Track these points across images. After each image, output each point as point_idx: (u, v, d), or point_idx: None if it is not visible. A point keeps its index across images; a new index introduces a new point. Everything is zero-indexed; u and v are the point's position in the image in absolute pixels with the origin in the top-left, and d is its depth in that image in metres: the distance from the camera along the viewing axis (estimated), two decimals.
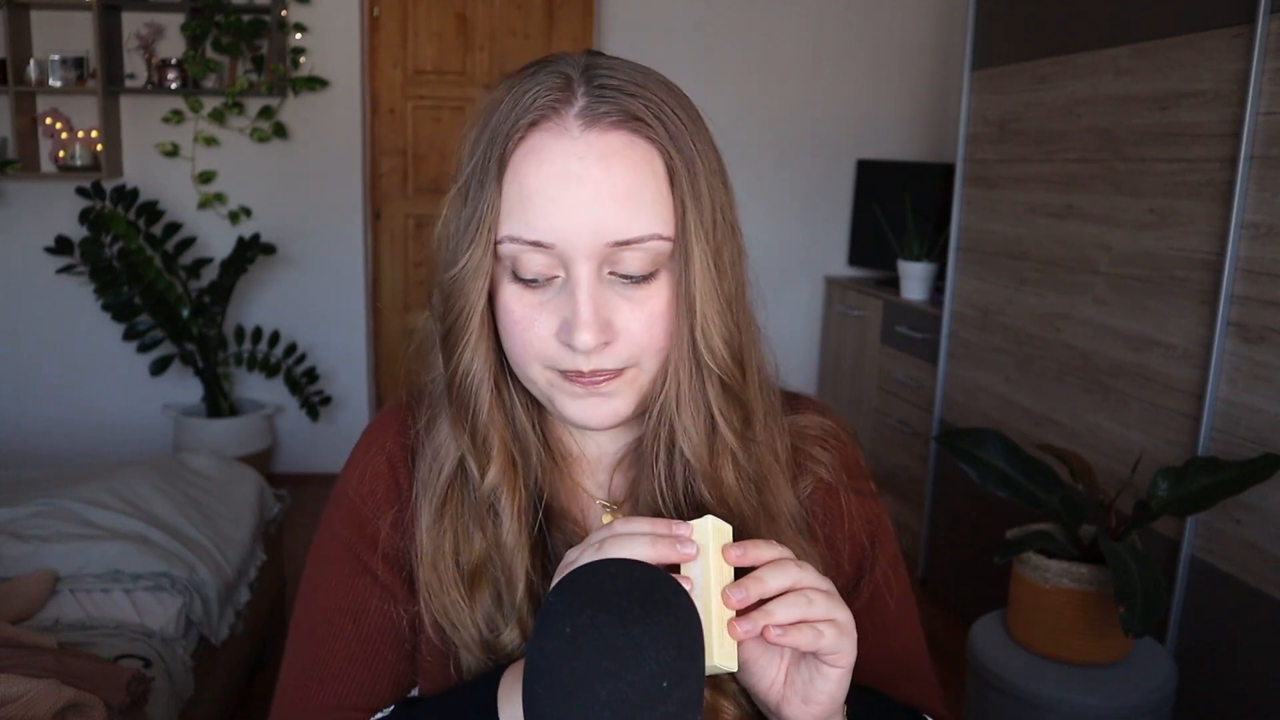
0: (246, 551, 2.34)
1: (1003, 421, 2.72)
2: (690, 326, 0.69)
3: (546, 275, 0.67)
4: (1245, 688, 1.93)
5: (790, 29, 4.07)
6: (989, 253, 2.81)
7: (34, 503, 2.20)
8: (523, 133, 0.66)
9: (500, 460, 0.73)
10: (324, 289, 4.02)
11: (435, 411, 0.75)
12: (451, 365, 0.72)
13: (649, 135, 0.67)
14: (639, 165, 0.66)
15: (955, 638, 2.84)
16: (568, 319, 0.67)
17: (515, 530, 0.73)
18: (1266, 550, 1.88)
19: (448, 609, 0.73)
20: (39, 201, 3.79)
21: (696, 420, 0.71)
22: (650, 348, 0.69)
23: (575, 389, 0.69)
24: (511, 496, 0.73)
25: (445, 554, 0.73)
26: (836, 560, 0.80)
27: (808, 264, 4.20)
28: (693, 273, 0.68)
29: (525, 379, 0.72)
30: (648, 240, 0.66)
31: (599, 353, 0.67)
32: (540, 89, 0.67)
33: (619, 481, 0.80)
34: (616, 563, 0.61)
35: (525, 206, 0.66)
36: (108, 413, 3.99)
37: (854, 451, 0.85)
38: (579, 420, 0.71)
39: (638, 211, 0.66)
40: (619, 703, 0.55)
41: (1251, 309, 1.91)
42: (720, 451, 0.73)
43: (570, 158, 0.65)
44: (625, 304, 0.68)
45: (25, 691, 1.46)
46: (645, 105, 0.67)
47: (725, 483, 0.73)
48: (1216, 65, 1.99)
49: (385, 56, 4.01)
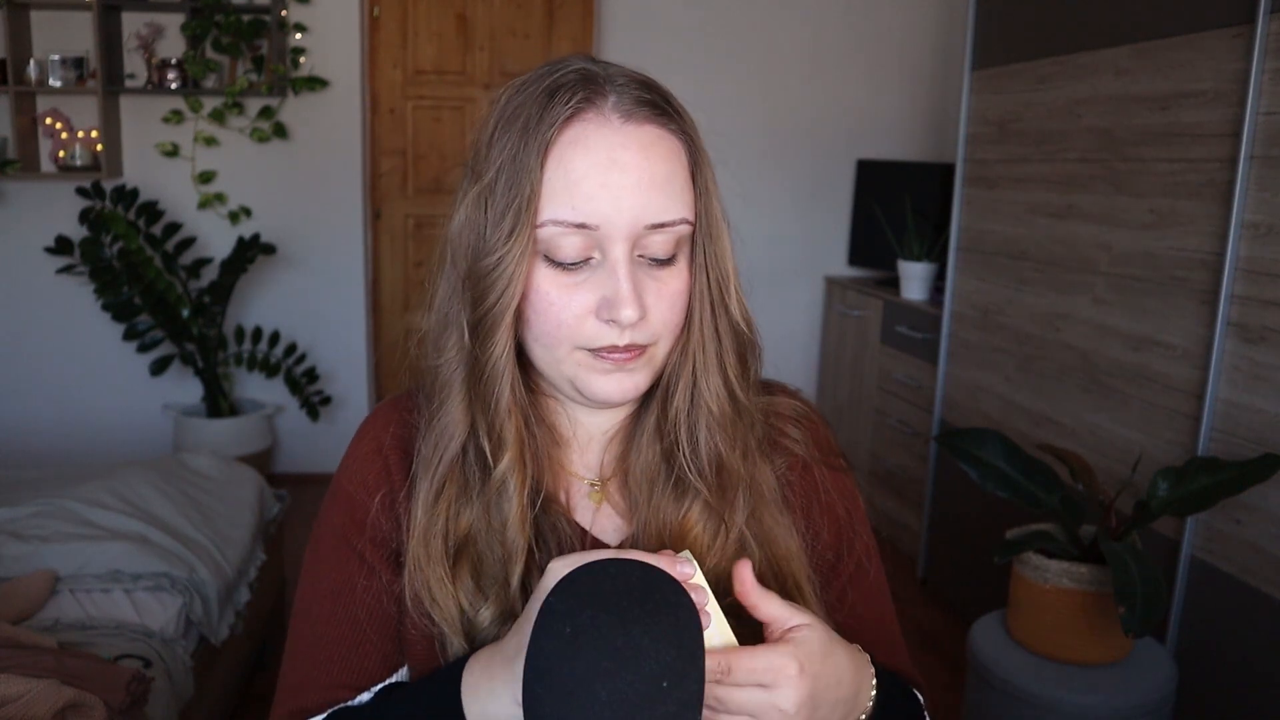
0: (246, 551, 2.34)
1: (1003, 421, 2.72)
2: (721, 298, 0.77)
3: (583, 257, 0.72)
4: (1245, 688, 1.93)
5: (790, 29, 4.07)
6: (989, 253, 2.81)
7: (34, 503, 2.20)
8: (564, 123, 0.71)
9: (514, 448, 0.76)
10: (324, 289, 4.02)
11: (444, 396, 0.77)
12: (484, 353, 0.74)
13: (674, 129, 0.74)
14: (671, 156, 0.73)
15: (955, 638, 2.84)
16: (608, 296, 0.71)
17: (519, 514, 0.76)
18: (1266, 550, 1.88)
19: (431, 584, 0.75)
20: (39, 201, 3.79)
21: (719, 389, 0.78)
22: (671, 324, 0.75)
23: (605, 365, 0.74)
24: (521, 482, 0.76)
25: (436, 532, 0.76)
26: (814, 533, 0.84)
27: (808, 264, 4.20)
28: (719, 248, 0.76)
29: (549, 360, 0.75)
30: (678, 224, 0.73)
31: (635, 328, 0.73)
32: (570, 85, 0.72)
33: (608, 460, 0.83)
34: (616, 563, 0.61)
35: (571, 191, 0.70)
36: (108, 413, 3.99)
37: (825, 430, 0.89)
38: (603, 395, 0.75)
39: (672, 197, 0.72)
40: (619, 703, 0.55)
41: (1251, 309, 1.91)
42: (742, 416, 0.79)
43: (614, 146, 0.71)
44: (652, 284, 0.74)
45: (25, 691, 1.46)
46: (667, 102, 0.74)
47: (743, 449, 0.79)
48: (1216, 65, 1.99)
49: (385, 56, 4.01)
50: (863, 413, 3.73)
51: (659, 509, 0.78)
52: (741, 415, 0.79)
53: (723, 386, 0.78)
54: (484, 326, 0.74)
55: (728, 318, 0.78)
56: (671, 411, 0.78)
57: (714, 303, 0.77)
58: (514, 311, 0.73)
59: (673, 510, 0.78)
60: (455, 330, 0.76)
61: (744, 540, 0.78)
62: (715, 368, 0.78)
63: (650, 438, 0.80)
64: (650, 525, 0.78)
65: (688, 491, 0.78)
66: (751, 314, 0.81)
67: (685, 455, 0.78)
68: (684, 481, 0.78)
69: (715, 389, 0.78)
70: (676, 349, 0.77)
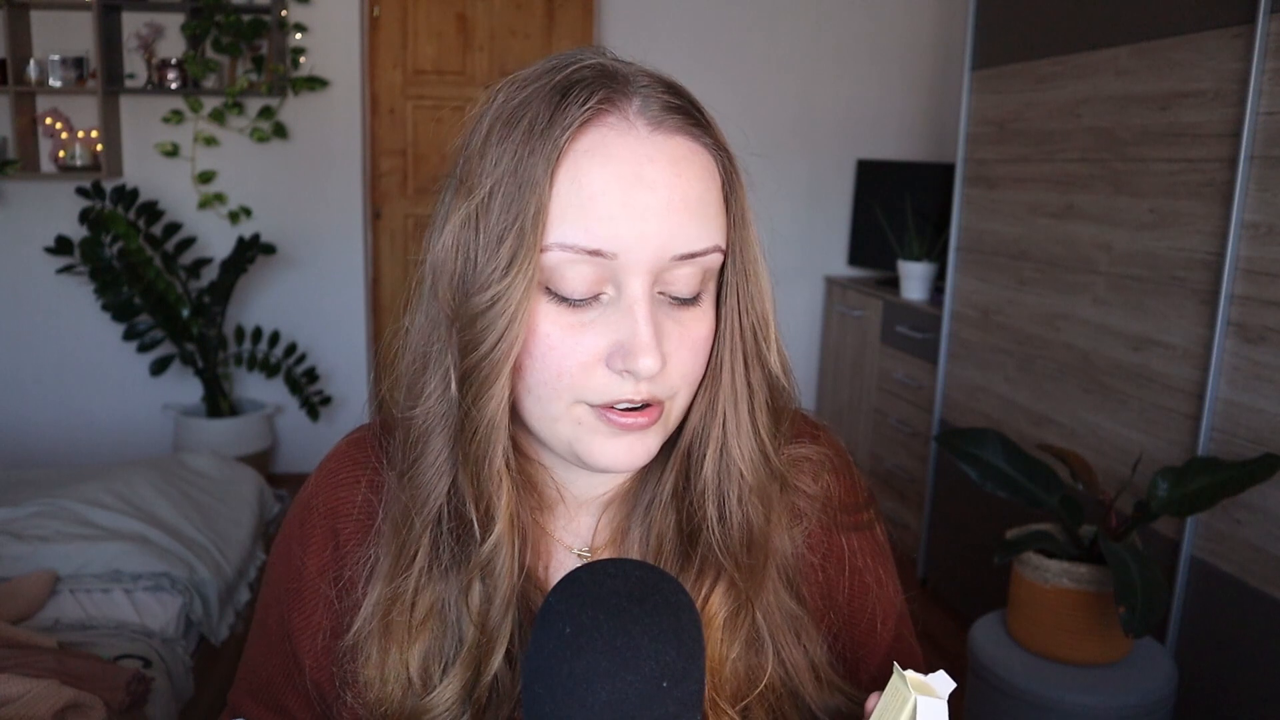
0: (246, 551, 2.34)
1: (1003, 421, 2.72)
2: (757, 347, 0.66)
3: (593, 292, 0.60)
4: (1245, 688, 1.93)
5: (790, 28, 4.07)
6: (989, 253, 2.80)
7: (34, 503, 2.20)
8: (580, 127, 0.59)
9: (506, 519, 0.64)
10: (324, 289, 4.02)
11: (419, 451, 0.65)
12: (476, 408, 0.61)
13: (708, 143, 0.63)
14: (705, 174, 0.61)
15: (955, 638, 2.84)
16: (623, 342, 0.59)
17: (506, 595, 0.65)
18: (1266, 550, 1.88)
19: (384, 664, 0.66)
20: (39, 201, 3.79)
21: (752, 452, 0.66)
22: (691, 377, 0.64)
23: (610, 428, 0.62)
24: (510, 559, 0.65)
25: (402, 605, 0.66)
26: (831, 601, 0.74)
27: (808, 264, 4.20)
28: (757, 288, 0.65)
29: (543, 416, 0.63)
30: (710, 253, 0.62)
31: (653, 380, 0.61)
32: (587, 82, 0.60)
33: (602, 526, 0.72)
34: (617, 563, 0.61)
35: (586, 210, 0.58)
36: (108, 413, 3.99)
37: (850, 480, 0.76)
38: (608, 463, 0.63)
39: (705, 223, 0.61)
40: (619, 703, 0.55)
41: (1251, 309, 1.91)
42: (774, 480, 0.67)
43: (641, 159, 0.59)
44: (675, 328, 0.62)
45: (25, 691, 1.46)
46: (699, 111, 0.63)
47: (772, 519, 0.67)
48: (1216, 65, 1.99)
49: (385, 56, 4.01)
50: (863, 413, 3.73)
51: None
52: (773, 479, 0.68)
53: (756, 450, 0.66)
54: (476, 377, 0.61)
55: (762, 370, 0.66)
56: (700, 480, 0.66)
57: (747, 353, 0.65)
58: (515, 359, 0.61)
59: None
60: (439, 376, 0.64)
61: (759, 632, 0.67)
62: (748, 428, 0.66)
63: (665, 508, 0.68)
64: None
65: (709, 571, 0.66)
66: (790, 363, 0.69)
67: (714, 530, 0.66)
68: (710, 560, 0.66)
69: (749, 453, 0.66)
70: (701, 404, 0.66)
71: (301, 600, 0.73)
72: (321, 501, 0.74)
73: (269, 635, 0.76)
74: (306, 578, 0.73)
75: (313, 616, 0.72)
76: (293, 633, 0.73)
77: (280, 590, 0.75)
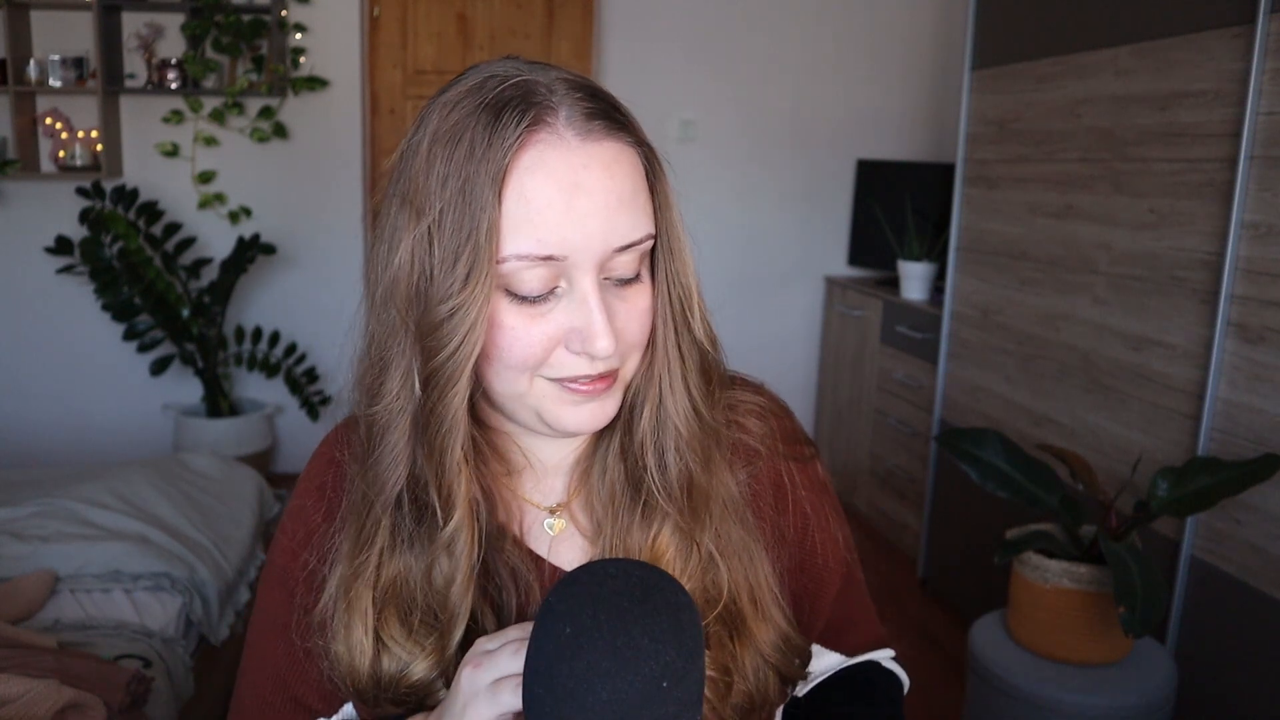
0: (246, 551, 2.34)
1: (1003, 421, 2.72)
2: (684, 315, 0.74)
3: (548, 288, 0.67)
4: (1245, 688, 1.93)
5: (790, 29, 4.06)
6: (989, 253, 2.81)
7: (34, 503, 2.20)
8: (517, 146, 0.64)
9: (465, 505, 0.71)
10: (324, 289, 4.02)
11: (379, 440, 0.71)
12: (440, 404, 0.68)
13: (630, 141, 0.69)
14: (632, 171, 0.68)
15: (955, 638, 2.84)
16: (579, 328, 0.67)
17: (465, 576, 0.72)
18: (1266, 550, 1.88)
19: (350, 639, 0.72)
20: (39, 201, 3.79)
21: (685, 408, 0.75)
22: (639, 342, 0.72)
23: (574, 396, 0.70)
24: (469, 542, 0.72)
25: (363, 581, 0.72)
26: (785, 534, 0.82)
27: (808, 264, 4.19)
28: (681, 264, 0.73)
29: (511, 394, 0.70)
30: (645, 241, 0.69)
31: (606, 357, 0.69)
32: (514, 101, 0.65)
33: (569, 484, 0.80)
34: (616, 563, 0.61)
35: (534, 222, 0.64)
36: (108, 413, 3.99)
37: (788, 421, 0.85)
38: (574, 426, 0.71)
39: (638, 214, 0.68)
40: (619, 703, 0.55)
41: (1251, 309, 1.91)
42: (707, 431, 0.76)
43: (576, 168, 0.65)
44: (621, 305, 0.70)
45: (25, 691, 1.46)
46: (616, 109, 0.69)
47: (708, 463, 0.76)
48: (1216, 65, 1.99)
49: (385, 56, 4.01)
50: (863, 413, 3.73)
51: (626, 531, 0.75)
52: (706, 431, 0.76)
53: (689, 405, 0.75)
54: (440, 376, 0.67)
55: (691, 335, 0.74)
56: (638, 434, 0.75)
57: (677, 321, 0.73)
58: (476, 357, 0.67)
59: (641, 533, 0.75)
60: (399, 377, 0.69)
61: (712, 559, 0.75)
62: (681, 387, 0.74)
63: (614, 459, 0.77)
64: (617, 548, 0.75)
65: (656, 513, 0.75)
66: (715, 330, 0.78)
67: (654, 478, 0.74)
68: (652, 503, 0.75)
69: (682, 409, 0.74)
70: (641, 368, 0.74)
71: (312, 547, 0.79)
72: (325, 458, 0.82)
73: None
74: (313, 526, 0.79)
75: (327, 557, 0.78)
76: (303, 583, 0.78)
77: (291, 544, 0.80)
